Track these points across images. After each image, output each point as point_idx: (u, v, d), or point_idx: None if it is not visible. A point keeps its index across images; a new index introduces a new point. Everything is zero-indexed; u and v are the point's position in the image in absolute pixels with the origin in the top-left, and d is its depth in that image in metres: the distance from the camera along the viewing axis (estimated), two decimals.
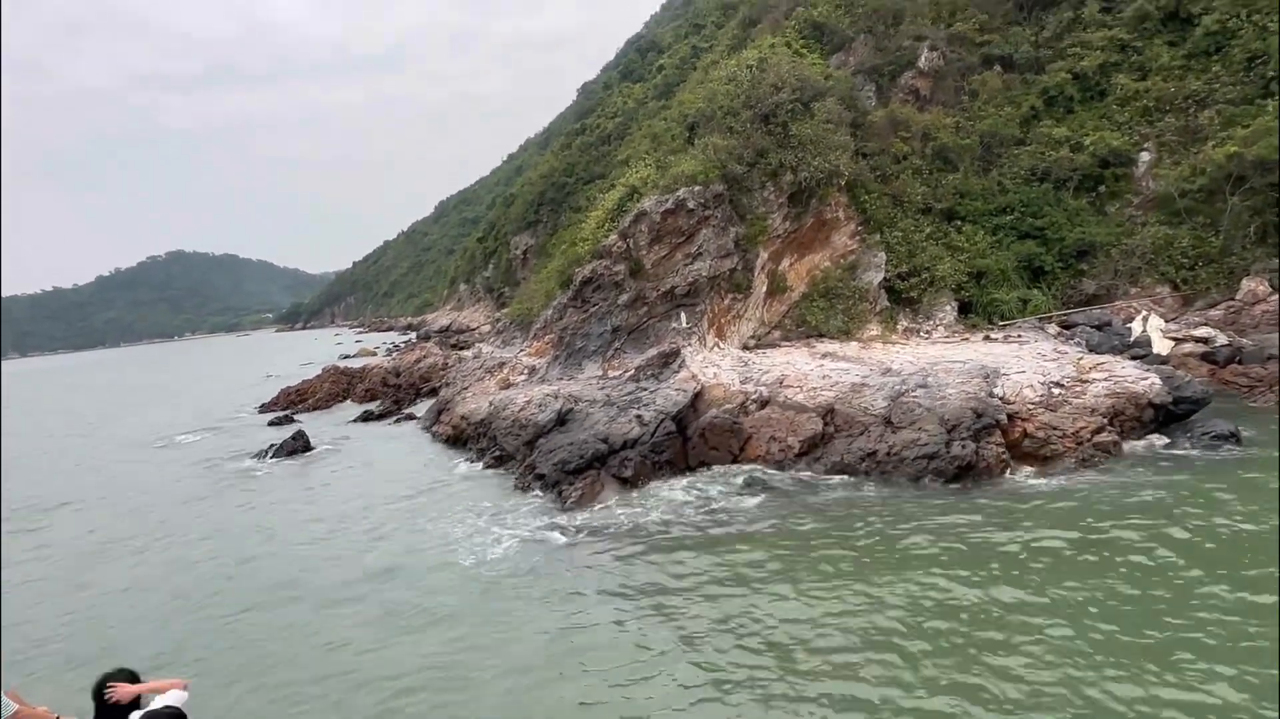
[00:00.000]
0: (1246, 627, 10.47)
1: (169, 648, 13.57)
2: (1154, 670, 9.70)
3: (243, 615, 14.68)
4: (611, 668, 11.18)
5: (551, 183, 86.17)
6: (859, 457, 19.75)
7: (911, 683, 9.96)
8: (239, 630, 14.06)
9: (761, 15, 50.65)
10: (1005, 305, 32.01)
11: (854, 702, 9.75)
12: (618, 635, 12.19)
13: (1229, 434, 18.58)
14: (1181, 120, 33.66)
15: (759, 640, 11.47)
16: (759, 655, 11.07)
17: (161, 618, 15.02)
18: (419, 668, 11.79)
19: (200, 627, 14.40)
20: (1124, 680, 9.55)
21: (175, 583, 16.88)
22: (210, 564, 17.86)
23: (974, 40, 39.60)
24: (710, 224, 30.26)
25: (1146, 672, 9.69)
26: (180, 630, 14.33)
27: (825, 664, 10.63)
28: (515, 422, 25.35)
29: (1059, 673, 9.84)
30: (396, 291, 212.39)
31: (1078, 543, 13.78)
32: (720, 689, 10.33)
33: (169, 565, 18.20)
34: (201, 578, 17.03)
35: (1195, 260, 31.38)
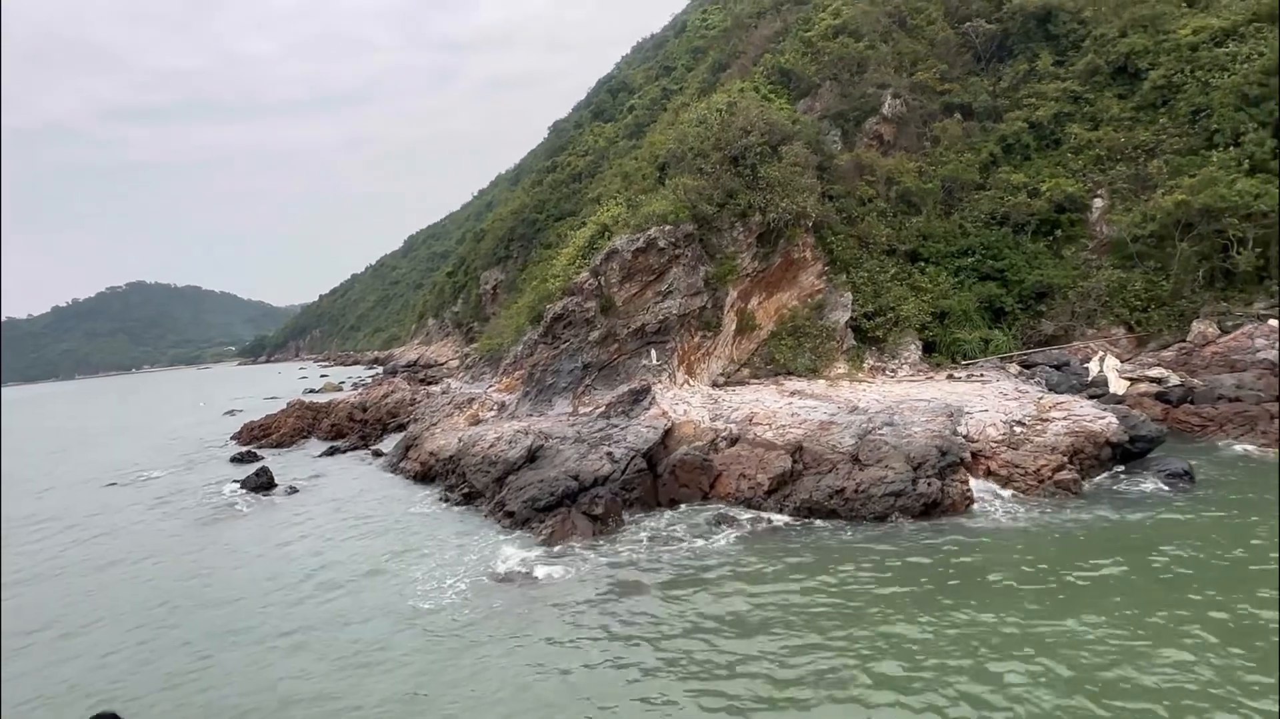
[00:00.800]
0: (1203, 660, 10.75)
1: (104, 686, 13.18)
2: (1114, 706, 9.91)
3: (185, 658, 14.30)
4: (571, 713, 11.07)
5: (522, 219, 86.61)
6: (827, 494, 19.95)
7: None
8: (180, 671, 13.70)
9: (730, 61, 52.02)
10: (968, 345, 32.78)
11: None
12: (579, 680, 12.07)
13: (1183, 472, 19.14)
14: (1132, 169, 35.08)
15: (720, 687, 11.45)
16: (717, 701, 11.07)
17: (101, 657, 14.59)
18: (367, 713, 11.58)
19: (144, 667, 14.01)
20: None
21: (125, 620, 16.39)
22: (159, 607, 17.32)
23: (935, 89, 41.01)
24: (680, 263, 30.69)
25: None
26: (121, 669, 13.93)
27: (785, 709, 10.65)
28: (485, 458, 25.20)
29: (1026, 708, 10.00)
30: (363, 325, 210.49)
31: (1040, 578, 14.05)
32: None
33: (118, 603, 17.65)
34: (151, 617, 16.55)
35: (1148, 303, 32.49)
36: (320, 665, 13.47)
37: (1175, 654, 11.04)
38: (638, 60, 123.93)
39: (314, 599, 16.85)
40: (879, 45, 41.84)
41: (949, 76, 41.50)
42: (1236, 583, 13.22)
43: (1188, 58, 35.73)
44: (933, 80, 40.99)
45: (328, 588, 17.49)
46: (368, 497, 26.77)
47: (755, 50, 48.33)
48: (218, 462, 37.93)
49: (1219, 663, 10.70)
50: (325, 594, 17.09)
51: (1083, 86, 38.56)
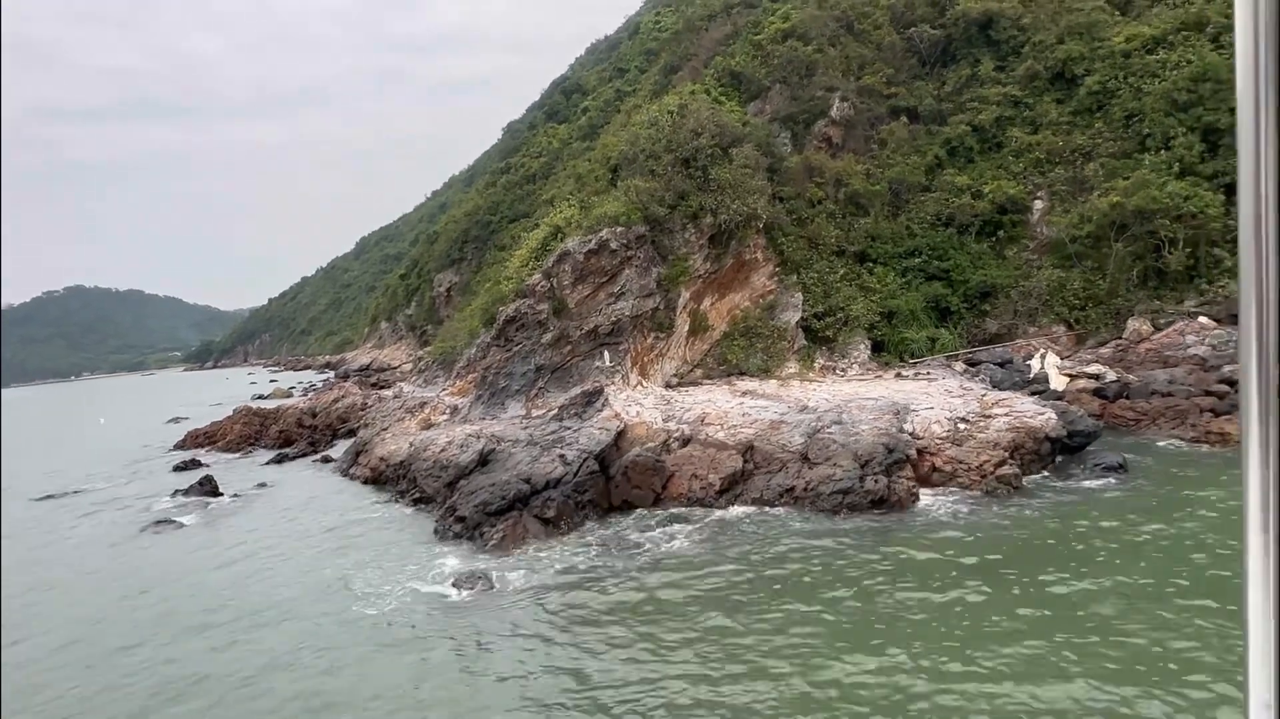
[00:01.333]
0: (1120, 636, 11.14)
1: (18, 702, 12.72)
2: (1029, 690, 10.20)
3: (110, 668, 13.87)
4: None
5: (476, 220, 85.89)
6: (778, 492, 20.19)
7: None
8: (104, 682, 13.27)
9: (682, 63, 52.29)
10: (915, 344, 33.44)
11: None
12: (520, 684, 11.97)
13: (1118, 465, 19.81)
14: (1069, 172, 36.24)
15: (665, 692, 11.49)
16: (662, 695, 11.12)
17: (24, 670, 14.05)
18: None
19: (67, 678, 13.54)
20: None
21: (49, 636, 15.79)
22: (87, 623, 16.73)
23: (882, 92, 41.79)
24: (633, 264, 30.73)
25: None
26: (42, 680, 13.44)
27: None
28: (436, 462, 24.91)
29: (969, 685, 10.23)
30: (315, 329, 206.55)
31: (977, 570, 14.39)
32: None
33: (40, 618, 16.98)
34: (79, 631, 15.99)
35: (1086, 301, 33.56)
36: (256, 669, 13.16)
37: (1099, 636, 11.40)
38: (591, 62, 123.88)
39: (254, 607, 16.44)
40: (827, 49, 42.48)
41: (895, 80, 42.33)
42: (1168, 566, 13.70)
43: (1121, 64, 37.04)
44: (879, 84, 41.77)
45: (269, 596, 17.08)
46: (315, 504, 26.24)
47: (706, 53, 48.69)
48: (159, 471, 36.79)
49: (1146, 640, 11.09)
50: (266, 603, 16.68)
51: (1023, 91, 39.70)
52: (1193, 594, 12.58)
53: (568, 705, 11.21)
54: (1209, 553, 14.19)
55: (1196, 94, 33.89)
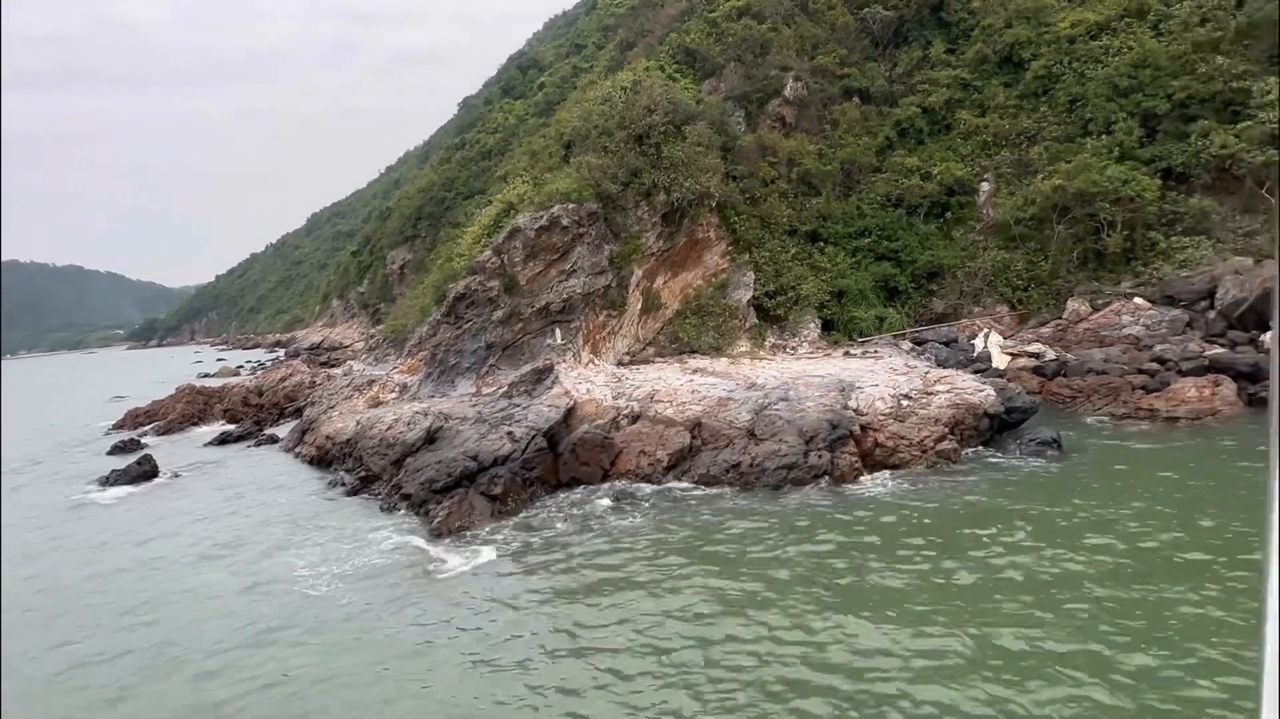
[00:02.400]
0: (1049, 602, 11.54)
1: None
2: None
3: (32, 659, 13.51)
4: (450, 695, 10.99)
5: (430, 197, 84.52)
6: (724, 468, 20.38)
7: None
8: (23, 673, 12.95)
9: (637, 39, 51.83)
10: (864, 323, 33.92)
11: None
12: (463, 666, 11.92)
13: (1051, 440, 20.39)
14: (1015, 154, 36.92)
15: (603, 664, 11.57)
16: (601, 665, 11.21)
17: None
18: (240, 700, 11.21)
19: None
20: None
21: None
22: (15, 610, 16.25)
23: (835, 73, 41.98)
24: (584, 241, 30.55)
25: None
26: None
27: (664, 678, 10.87)
28: (382, 440, 24.57)
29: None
30: (264, 307, 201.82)
31: (907, 540, 14.75)
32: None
33: None
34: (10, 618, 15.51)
35: (1028, 282, 34.34)
36: (196, 652, 12.92)
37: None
38: (549, 37, 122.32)
39: (191, 587, 16.11)
40: (781, 28, 42.48)
41: (848, 61, 42.54)
42: (1093, 536, 14.20)
43: (1066, 49, 37.75)
44: (833, 64, 41.94)
45: (207, 577, 16.75)
46: (256, 483, 25.75)
47: (661, 29, 48.33)
48: (97, 452, 35.66)
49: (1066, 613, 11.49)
50: (203, 583, 16.37)
51: (972, 74, 40.25)
52: (1107, 579, 12.99)
53: (499, 679, 11.23)
54: (1125, 533, 14.67)
55: (1137, 80, 34.71)
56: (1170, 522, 14.69)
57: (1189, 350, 26.44)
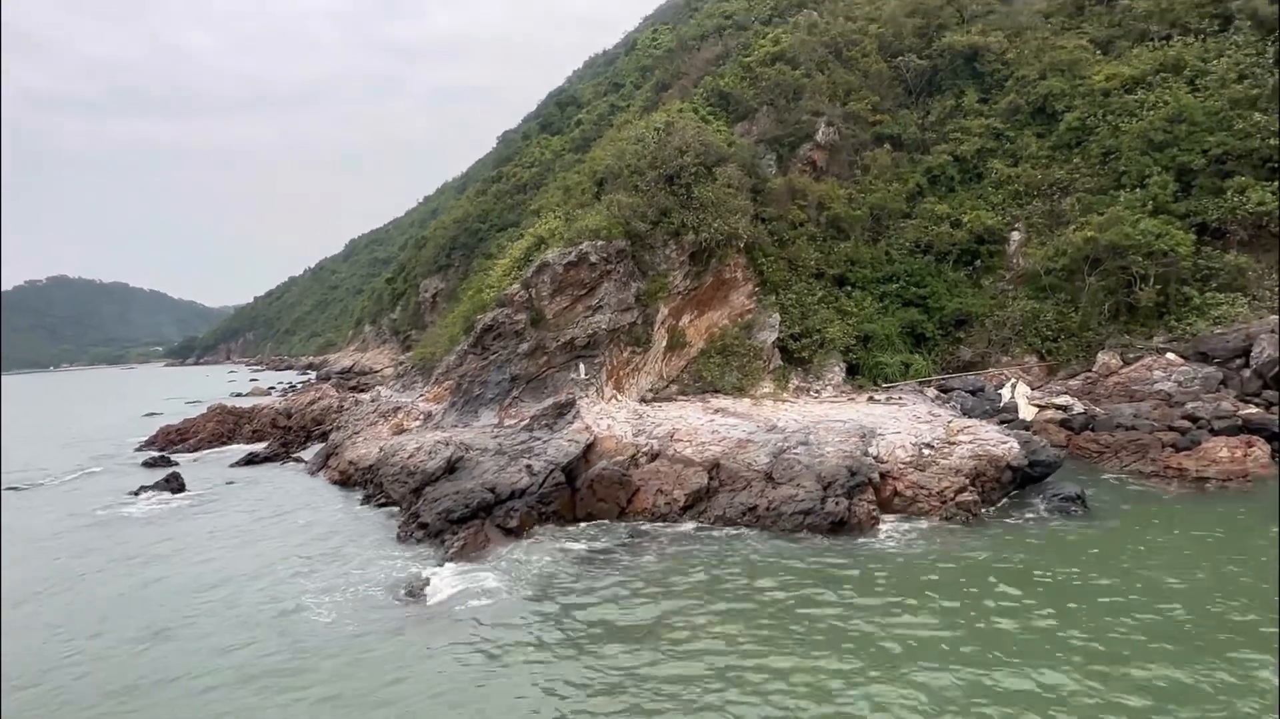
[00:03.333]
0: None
1: None
2: None
3: (50, 656, 13.77)
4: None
5: (465, 228, 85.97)
6: (740, 511, 20.29)
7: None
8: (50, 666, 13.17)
9: (673, 81, 52.74)
10: (889, 368, 33.73)
11: None
12: (469, 693, 11.99)
13: (1075, 496, 20.02)
14: (1047, 205, 36.81)
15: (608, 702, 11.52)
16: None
17: None
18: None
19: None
20: None
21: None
22: (38, 626, 16.52)
23: (867, 119, 42.34)
24: (612, 278, 30.89)
25: None
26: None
27: None
28: (404, 468, 24.84)
29: None
30: (299, 329, 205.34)
31: (911, 606, 14.44)
32: None
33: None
34: (28, 629, 15.82)
35: (1058, 333, 33.97)
36: (199, 669, 13.11)
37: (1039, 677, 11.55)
38: (589, 75, 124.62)
39: (203, 605, 16.38)
40: (815, 74, 43.02)
41: (881, 108, 42.91)
42: (1112, 605, 13.88)
43: (1100, 102, 37.72)
44: (865, 111, 42.31)
45: (221, 595, 17.01)
46: (280, 505, 26.09)
47: (697, 72, 49.22)
48: (128, 466, 36.46)
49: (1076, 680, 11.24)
50: (216, 602, 16.62)
51: (1005, 124, 40.34)
52: (1128, 650, 12.64)
53: (506, 712, 11.23)
54: (1146, 602, 14.25)
55: (1172, 134, 34.54)
56: (1191, 591, 14.27)
57: (1222, 409, 25.92)
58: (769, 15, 52.79)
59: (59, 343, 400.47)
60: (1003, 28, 43.96)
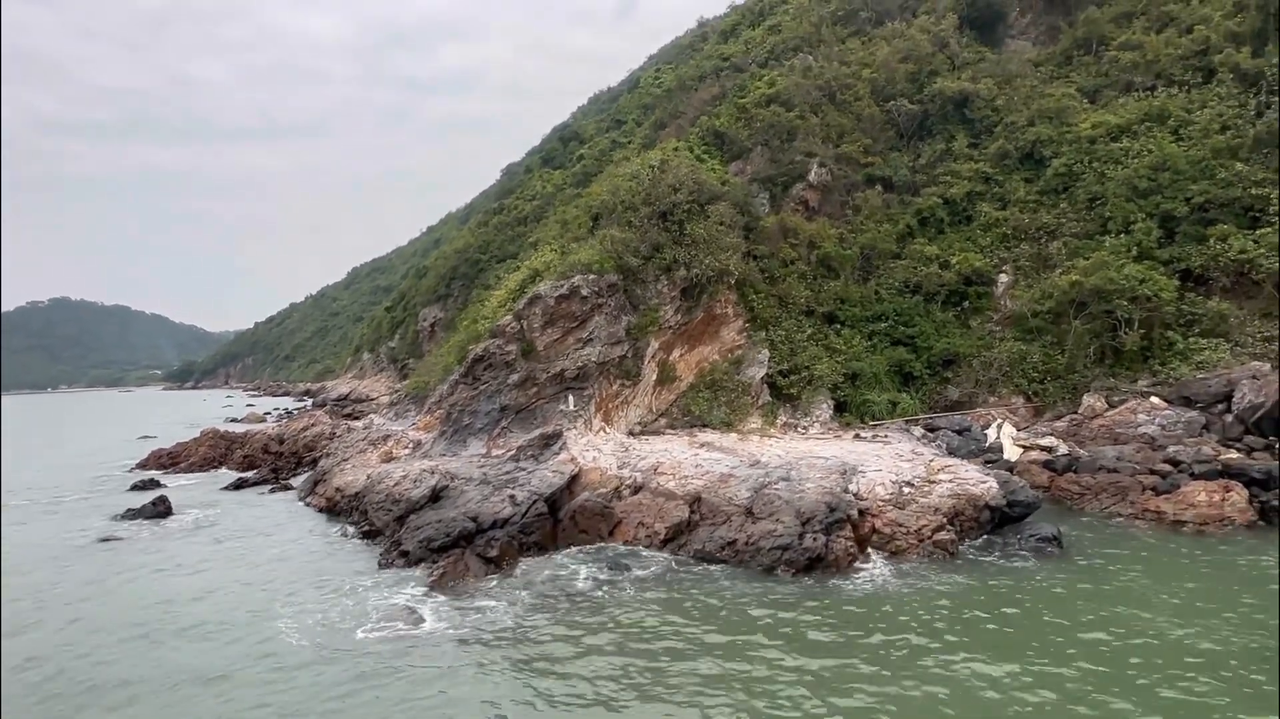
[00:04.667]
0: None
1: None
2: None
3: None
4: None
5: (465, 258, 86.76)
6: (719, 545, 20.41)
7: None
8: None
9: (671, 120, 53.75)
10: (876, 406, 33.98)
11: None
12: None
13: (1051, 537, 20.19)
14: (1034, 248, 37.43)
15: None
16: None
17: None
18: None
19: None
20: None
21: None
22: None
23: (859, 161, 43.17)
24: (603, 311, 31.30)
25: None
26: None
27: None
28: (389, 496, 24.99)
29: None
30: (298, 355, 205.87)
31: (874, 647, 14.61)
32: None
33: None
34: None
35: (1044, 375, 34.32)
36: (170, 696, 13.18)
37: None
38: (593, 111, 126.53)
39: (177, 633, 16.43)
40: (809, 116, 43.93)
41: (872, 150, 43.76)
42: (1075, 644, 14.02)
43: (1087, 149, 38.55)
44: (857, 153, 43.14)
45: (195, 621, 17.05)
46: (265, 531, 26.13)
47: (694, 112, 50.24)
48: (116, 488, 36.50)
49: None
50: (191, 627, 16.68)
51: (993, 168, 41.15)
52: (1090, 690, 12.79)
53: None
54: (1110, 640, 14.41)
55: (1156, 182, 35.26)
56: (1155, 635, 14.38)
57: (1202, 454, 26.11)
58: (765, 58, 54.00)
59: (58, 364, 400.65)
60: (993, 75, 45.09)
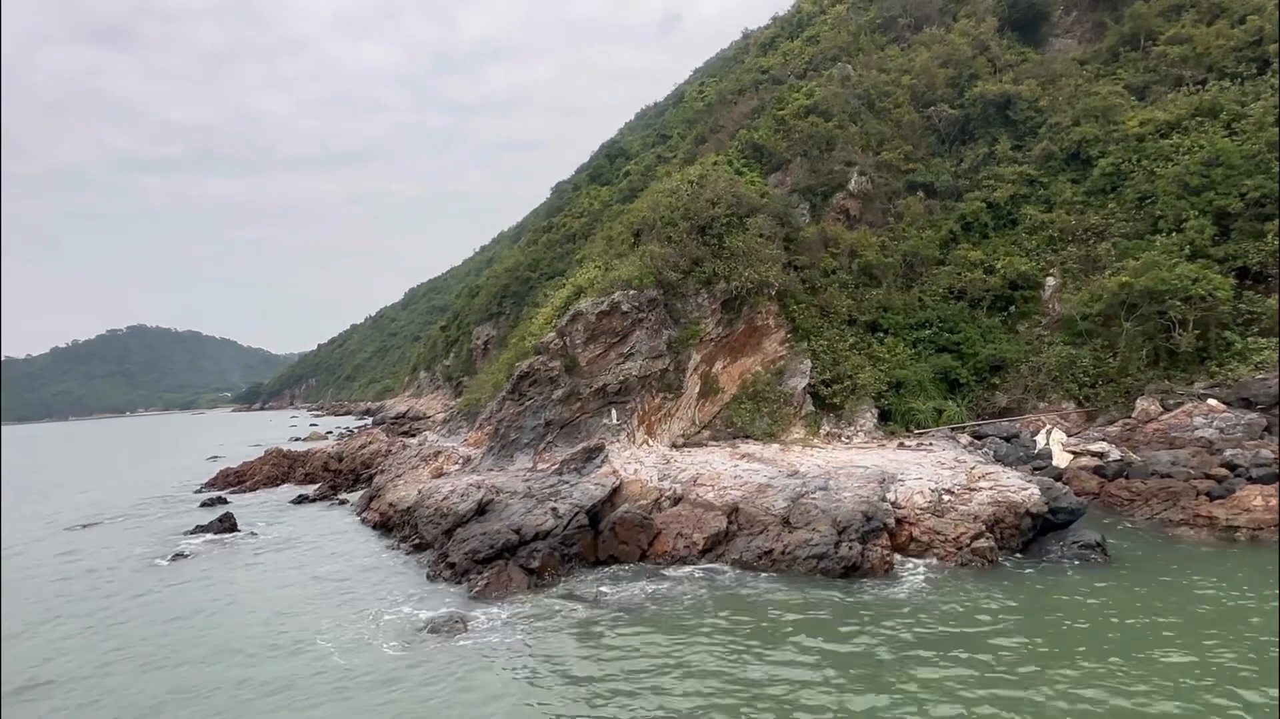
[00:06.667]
0: None
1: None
2: None
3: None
4: None
5: (516, 276, 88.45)
6: (757, 554, 20.66)
7: None
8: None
9: (710, 135, 54.23)
10: (921, 414, 33.71)
11: None
12: None
13: (1095, 544, 19.85)
14: (1082, 250, 36.65)
15: None
16: None
17: None
18: None
19: None
20: None
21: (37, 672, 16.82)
22: (67, 658, 17.59)
23: (900, 168, 42.95)
24: (643, 326, 31.85)
25: None
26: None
27: None
28: (437, 510, 25.88)
29: None
30: (359, 376, 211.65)
31: (906, 661, 14.66)
32: None
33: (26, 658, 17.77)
34: (67, 667, 17.04)
35: (1096, 379, 33.55)
36: (222, 707, 14.08)
37: None
38: (640, 127, 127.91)
39: (235, 642, 17.49)
40: (848, 125, 43.91)
41: (913, 157, 43.49)
42: (1119, 658, 13.89)
43: (1135, 148, 37.67)
44: (897, 160, 42.94)
45: (255, 632, 18.11)
46: (321, 545, 27.35)
47: (733, 126, 50.59)
48: (187, 506, 38.48)
49: None
50: (248, 637, 17.73)
51: (1038, 170, 40.48)
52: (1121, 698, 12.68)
53: None
54: (1145, 659, 14.20)
55: (1209, 178, 34.25)
56: (1194, 650, 14.06)
57: (1261, 457, 25.27)
58: (804, 70, 54.18)
59: (135, 388, 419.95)
60: (1036, 76, 44.40)
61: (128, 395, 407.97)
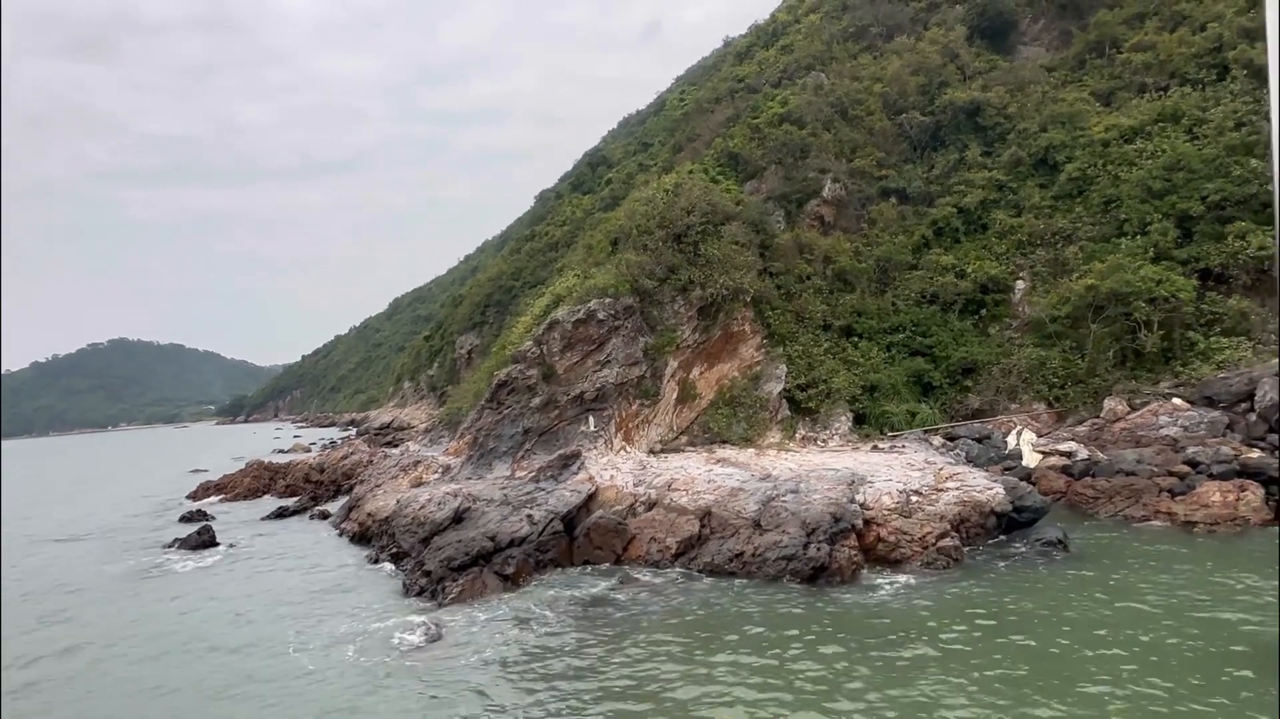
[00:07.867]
0: None
1: None
2: None
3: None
4: None
5: (499, 285, 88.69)
6: (728, 557, 21.00)
7: None
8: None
9: (687, 143, 54.79)
10: (895, 417, 34.21)
11: None
12: None
13: (1057, 541, 20.36)
14: (1050, 253, 37.37)
15: None
16: None
17: None
18: None
19: None
20: None
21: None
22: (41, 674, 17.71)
23: (873, 174, 43.62)
24: (620, 334, 32.21)
25: None
26: None
27: None
28: (414, 519, 26.05)
29: None
30: (344, 387, 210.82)
31: (889, 643, 15.08)
32: None
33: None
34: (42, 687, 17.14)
35: (1065, 380, 34.20)
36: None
37: None
38: (622, 135, 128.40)
39: (205, 651, 17.66)
40: (821, 133, 44.58)
41: (886, 163, 44.19)
42: (1062, 648, 14.33)
43: (1100, 153, 38.49)
44: (870, 166, 43.60)
45: (224, 642, 18.25)
46: (300, 556, 27.45)
47: (709, 134, 51.19)
48: (165, 519, 38.38)
49: None
50: (219, 646, 17.88)
51: (1007, 176, 41.24)
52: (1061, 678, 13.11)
53: None
54: (1103, 637, 14.69)
55: (1171, 182, 35.05)
56: (1147, 639, 14.54)
57: (1221, 454, 25.88)
58: (778, 78, 54.85)
59: (117, 403, 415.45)
60: (1004, 83, 45.28)
61: (109, 410, 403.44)
